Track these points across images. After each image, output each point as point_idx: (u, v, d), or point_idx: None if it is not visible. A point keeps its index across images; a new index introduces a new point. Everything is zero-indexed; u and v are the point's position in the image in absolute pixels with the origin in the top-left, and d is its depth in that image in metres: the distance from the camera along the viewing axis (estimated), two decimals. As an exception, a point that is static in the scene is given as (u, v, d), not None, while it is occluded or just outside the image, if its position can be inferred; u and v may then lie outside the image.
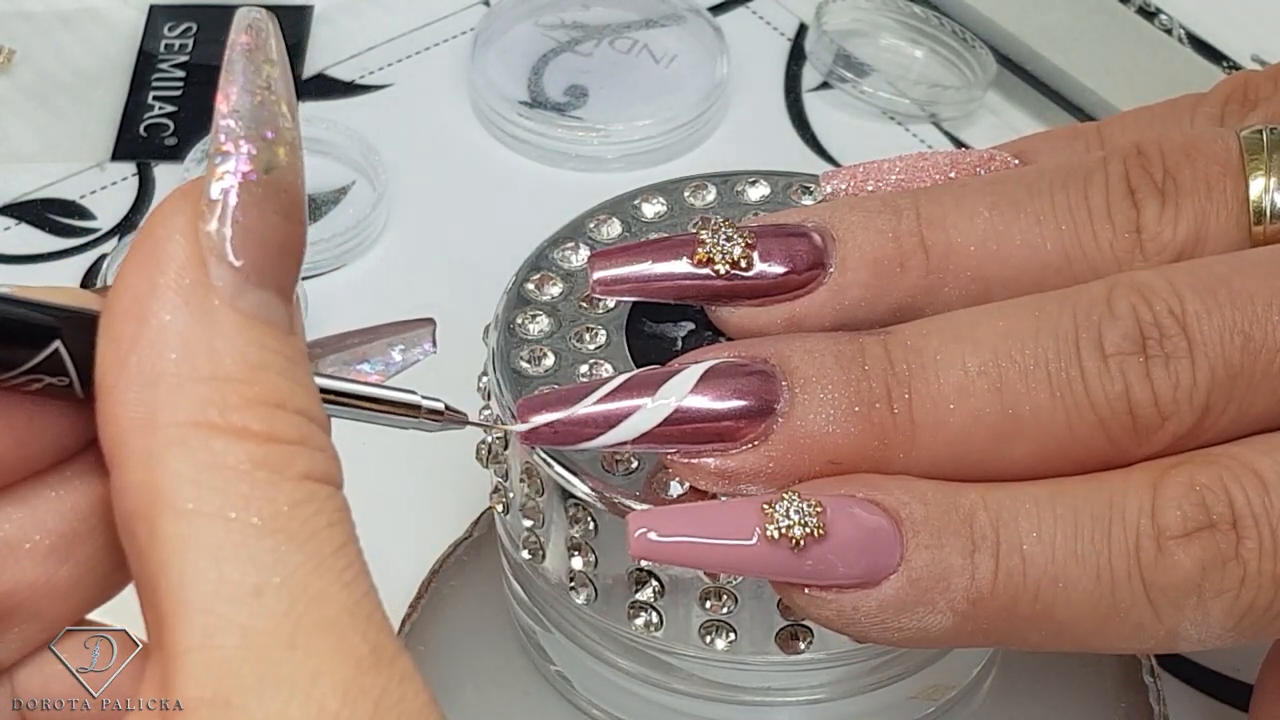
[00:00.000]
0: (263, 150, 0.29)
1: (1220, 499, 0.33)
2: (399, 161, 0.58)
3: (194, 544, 0.27)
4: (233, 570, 0.27)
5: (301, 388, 0.29)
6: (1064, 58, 0.60)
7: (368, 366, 0.33)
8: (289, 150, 0.29)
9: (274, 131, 0.29)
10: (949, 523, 0.33)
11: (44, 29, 0.62)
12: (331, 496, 0.28)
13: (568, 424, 0.34)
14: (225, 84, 0.29)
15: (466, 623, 0.42)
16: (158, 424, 0.28)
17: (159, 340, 0.28)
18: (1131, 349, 0.33)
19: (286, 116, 0.29)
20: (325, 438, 0.29)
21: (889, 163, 0.39)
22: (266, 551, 0.27)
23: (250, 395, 0.28)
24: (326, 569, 0.28)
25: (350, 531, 0.29)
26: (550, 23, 0.62)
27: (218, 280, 0.28)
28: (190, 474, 0.27)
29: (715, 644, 0.36)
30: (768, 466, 0.34)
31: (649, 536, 0.33)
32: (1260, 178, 0.36)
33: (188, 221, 0.29)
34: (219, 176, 0.29)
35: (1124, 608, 0.33)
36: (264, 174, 0.29)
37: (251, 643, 0.27)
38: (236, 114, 0.29)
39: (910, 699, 0.39)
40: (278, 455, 0.28)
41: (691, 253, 0.36)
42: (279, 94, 0.29)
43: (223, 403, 0.28)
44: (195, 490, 0.27)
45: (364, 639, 0.28)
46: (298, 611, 0.27)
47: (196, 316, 0.28)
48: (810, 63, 0.62)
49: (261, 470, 0.28)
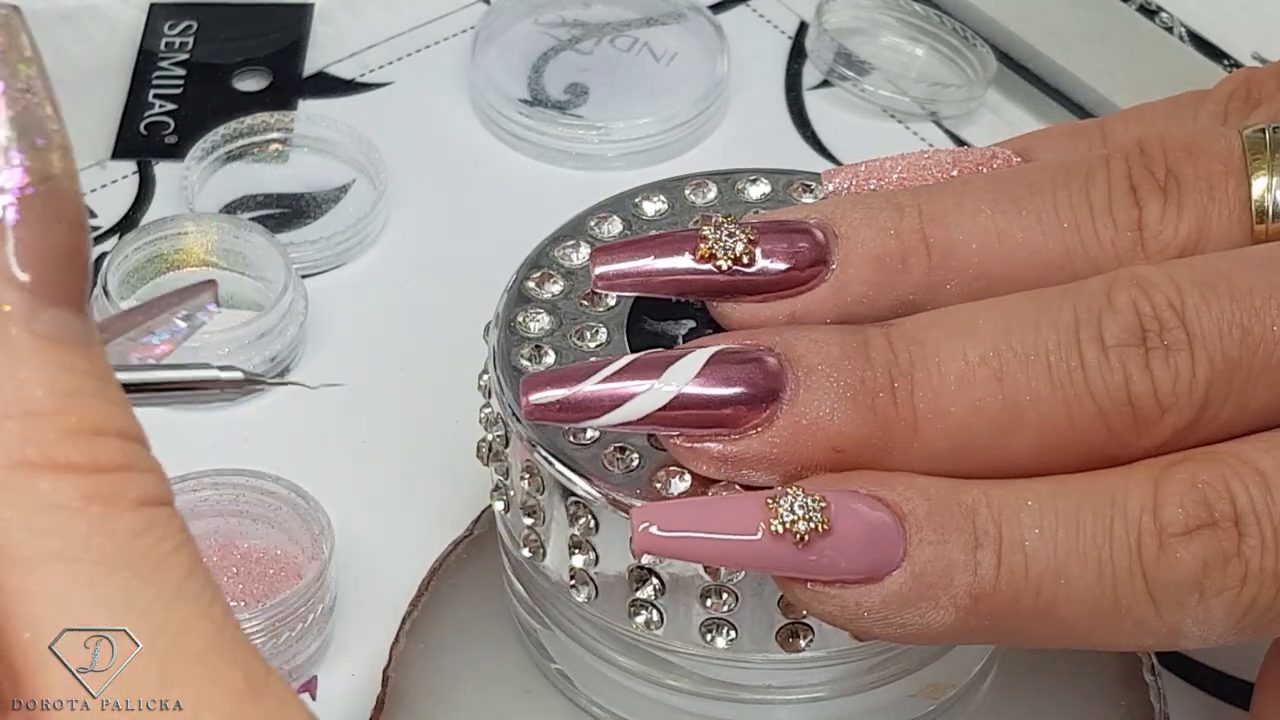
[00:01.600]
0: (35, 159, 0.27)
1: (1222, 496, 0.33)
2: (399, 160, 0.58)
3: (38, 594, 0.26)
4: (84, 616, 0.26)
5: (117, 406, 0.27)
6: (1065, 56, 0.60)
7: (154, 338, 0.31)
8: (62, 154, 0.27)
9: (44, 137, 0.27)
10: (952, 518, 0.33)
11: (44, 27, 0.62)
12: (171, 518, 0.27)
13: (570, 403, 0.34)
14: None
15: (467, 621, 0.42)
16: None
17: None
18: (1131, 341, 0.34)
19: (53, 118, 0.27)
20: (150, 457, 0.28)
21: (891, 161, 0.39)
22: (116, 590, 0.26)
23: (67, 426, 0.27)
24: (182, 598, 0.26)
25: (195, 552, 0.27)
26: (550, 21, 0.62)
27: (9, 305, 0.27)
28: (20, 519, 0.26)
29: (716, 642, 0.36)
30: (770, 452, 0.34)
31: (652, 531, 0.33)
32: (1263, 177, 0.36)
33: None
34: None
35: (1125, 604, 0.33)
36: (41, 184, 0.27)
37: (121, 693, 0.26)
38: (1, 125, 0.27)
39: (910, 697, 0.39)
40: (108, 485, 0.27)
41: (694, 248, 0.36)
42: (40, 94, 0.27)
43: (40, 438, 0.26)
44: (29, 535, 0.26)
45: (234, 666, 0.26)
46: (162, 649, 0.26)
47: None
48: (811, 61, 0.62)
49: (95, 504, 0.26)
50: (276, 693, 0.27)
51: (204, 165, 0.57)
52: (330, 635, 0.47)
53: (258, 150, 0.58)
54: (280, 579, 0.47)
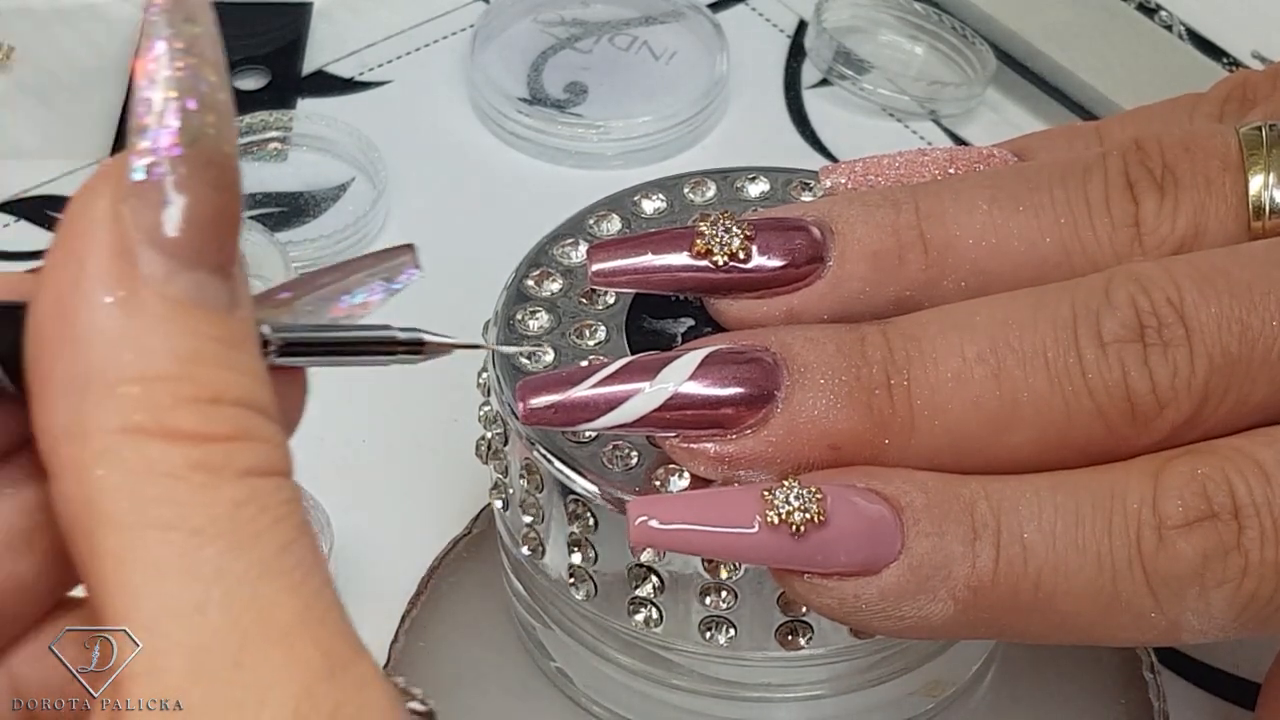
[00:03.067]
0: (187, 121, 0.27)
1: (1222, 489, 0.33)
2: (398, 158, 0.58)
3: (133, 559, 0.26)
4: (174, 586, 0.26)
5: (241, 374, 0.27)
6: (1064, 54, 0.60)
7: (350, 299, 0.31)
8: (217, 117, 0.27)
9: (198, 99, 0.27)
10: (950, 511, 0.33)
11: (44, 26, 0.62)
12: (278, 489, 0.27)
13: (566, 406, 0.34)
14: (143, 50, 0.27)
15: (466, 619, 0.42)
16: (88, 432, 0.26)
17: (84, 342, 0.26)
18: (1130, 337, 0.34)
19: (212, 81, 0.27)
20: (270, 425, 0.27)
21: (888, 158, 0.39)
22: (207, 562, 0.26)
23: (183, 393, 0.26)
24: (274, 572, 0.26)
25: (299, 523, 0.27)
26: (550, 19, 0.62)
27: (145, 268, 0.26)
28: (124, 485, 0.26)
29: (715, 640, 0.36)
30: (767, 451, 0.34)
31: (649, 524, 0.33)
32: (1259, 174, 0.36)
33: (109, 206, 0.27)
34: (140, 153, 0.27)
35: (1125, 598, 0.33)
36: (189, 147, 0.27)
37: (197, 665, 0.26)
38: (154, 83, 0.27)
39: (910, 695, 0.39)
40: (215, 455, 0.26)
41: (690, 245, 0.36)
42: (203, 56, 0.27)
43: (154, 404, 0.26)
44: (131, 502, 0.26)
45: (316, 646, 0.26)
46: (244, 625, 0.26)
47: (123, 311, 0.26)
48: (810, 59, 0.62)
49: (199, 473, 0.26)
50: (358, 675, 0.26)
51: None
52: (330, 634, 0.47)
53: (257, 149, 0.58)
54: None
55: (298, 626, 0.26)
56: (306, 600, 0.26)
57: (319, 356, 0.30)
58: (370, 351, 0.31)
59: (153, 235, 0.27)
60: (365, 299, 0.31)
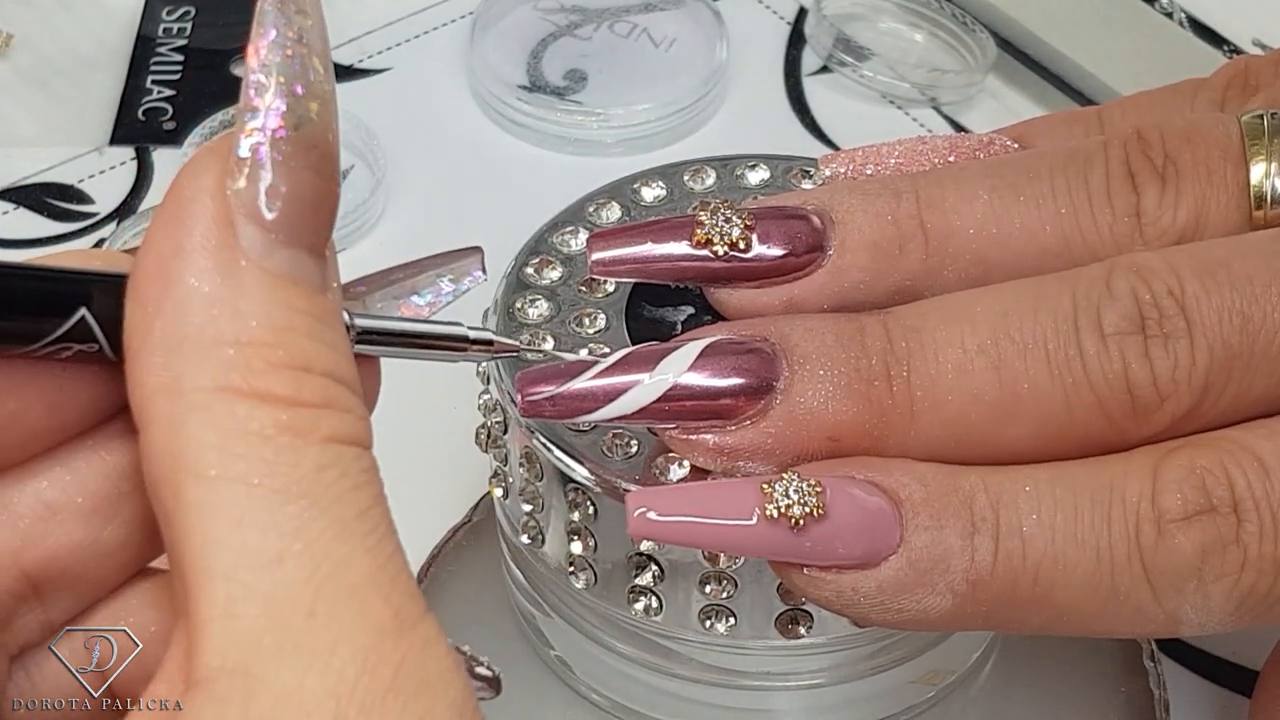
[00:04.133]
0: (293, 105, 0.28)
1: (1221, 482, 0.33)
2: (398, 146, 0.58)
3: (217, 511, 0.27)
4: (255, 537, 0.27)
5: (330, 348, 0.28)
6: (1064, 42, 0.60)
7: (418, 298, 0.32)
8: (321, 105, 0.28)
9: (304, 86, 0.28)
10: (949, 504, 0.33)
11: (42, 13, 0.62)
12: (358, 458, 0.28)
13: (565, 397, 0.34)
14: (255, 36, 0.28)
15: (466, 607, 0.42)
16: (182, 389, 0.27)
17: (184, 304, 0.28)
18: (1130, 329, 0.33)
19: (318, 70, 0.29)
20: (353, 399, 0.29)
21: (888, 146, 0.39)
22: (289, 518, 0.27)
23: (275, 359, 0.28)
24: (350, 533, 0.27)
25: (377, 493, 0.28)
26: (549, 7, 0.62)
27: (245, 240, 0.28)
28: (214, 440, 0.27)
29: (715, 629, 0.36)
30: (766, 442, 0.34)
31: (648, 516, 0.33)
32: (1261, 163, 0.36)
33: (215, 180, 0.28)
34: (248, 133, 0.28)
35: (1124, 591, 0.33)
36: (294, 130, 0.28)
37: (272, 611, 0.27)
38: (266, 68, 0.28)
39: (910, 684, 0.39)
40: (302, 419, 0.28)
41: (690, 234, 0.35)
42: (311, 47, 0.29)
43: (247, 367, 0.28)
44: (218, 456, 0.27)
45: (386, 604, 0.27)
46: (319, 578, 0.27)
47: (222, 278, 0.28)
48: (810, 47, 0.62)
49: (286, 435, 0.27)
50: (423, 634, 0.28)
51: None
52: (329, 622, 0.47)
53: (256, 136, 0.58)
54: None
55: (369, 585, 0.27)
56: (380, 562, 0.28)
57: (394, 347, 0.31)
58: (442, 346, 0.32)
59: (253, 211, 0.28)
60: (432, 299, 0.33)
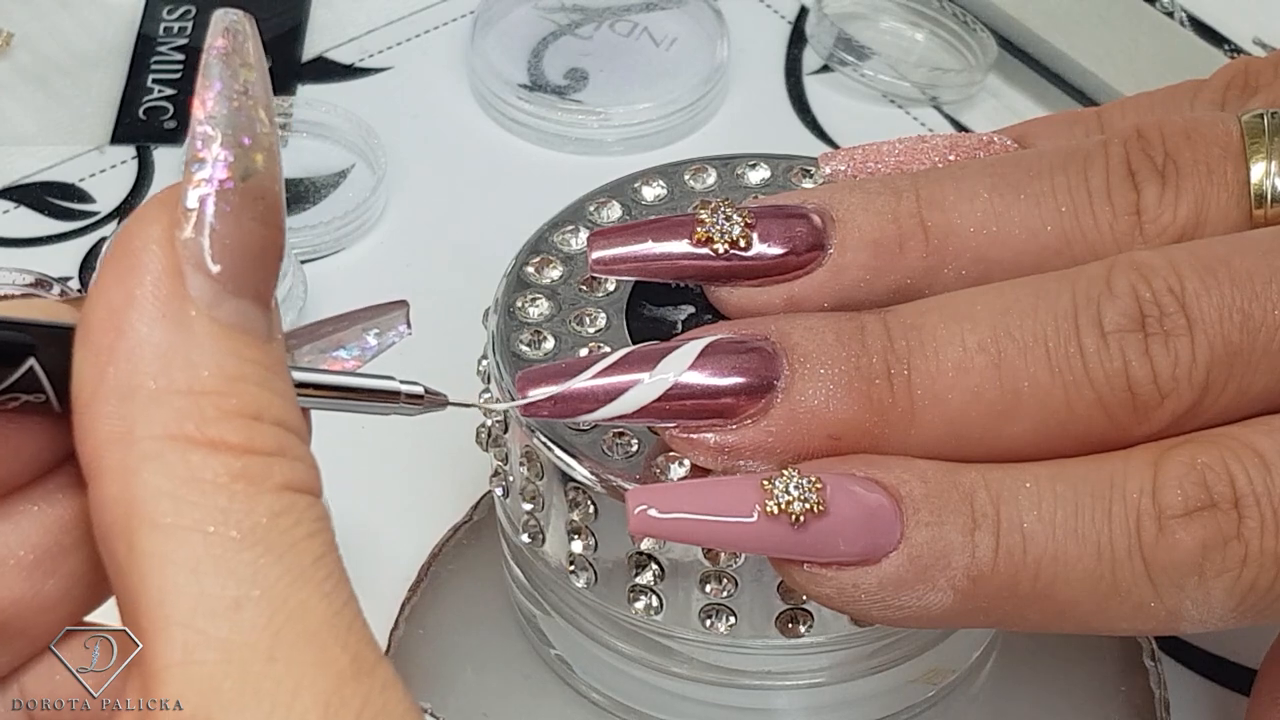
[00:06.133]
0: (240, 157, 0.28)
1: (1221, 478, 0.33)
2: (399, 145, 0.58)
3: (172, 558, 0.27)
4: (212, 584, 0.27)
5: (280, 397, 0.29)
6: (1065, 41, 0.60)
7: (344, 353, 0.33)
8: (267, 156, 0.29)
9: (251, 137, 0.29)
10: (949, 500, 0.33)
11: (42, 11, 0.62)
12: (311, 506, 0.28)
13: (566, 397, 0.34)
14: (201, 89, 0.29)
15: (466, 606, 0.42)
16: (134, 438, 0.28)
17: (136, 353, 0.28)
18: (1131, 327, 0.33)
19: (264, 121, 0.29)
20: (303, 447, 0.29)
21: (889, 145, 0.39)
22: (245, 564, 0.27)
23: (227, 407, 0.28)
24: (306, 580, 0.28)
25: (330, 540, 0.28)
26: (550, 6, 0.62)
27: (195, 290, 0.28)
28: (167, 488, 0.27)
29: (715, 627, 0.36)
30: (767, 441, 0.34)
31: (648, 513, 0.33)
32: (1261, 161, 0.36)
33: (164, 230, 0.28)
34: (195, 184, 0.28)
35: (1125, 587, 0.33)
36: (241, 181, 0.28)
37: (232, 657, 0.27)
38: (213, 120, 0.28)
39: (910, 683, 0.39)
40: (256, 467, 0.28)
41: (691, 232, 0.35)
42: (256, 98, 0.29)
43: (200, 415, 0.28)
44: (173, 504, 0.27)
45: (344, 649, 0.28)
46: (277, 624, 0.27)
47: (173, 328, 0.28)
48: (811, 46, 0.62)
49: (239, 483, 0.28)
50: (381, 677, 0.28)
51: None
52: (330, 621, 0.47)
53: (257, 135, 0.58)
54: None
55: (327, 630, 0.28)
56: (336, 608, 0.28)
57: (326, 399, 0.31)
58: (373, 398, 0.32)
59: (201, 261, 0.28)
60: (358, 354, 0.33)
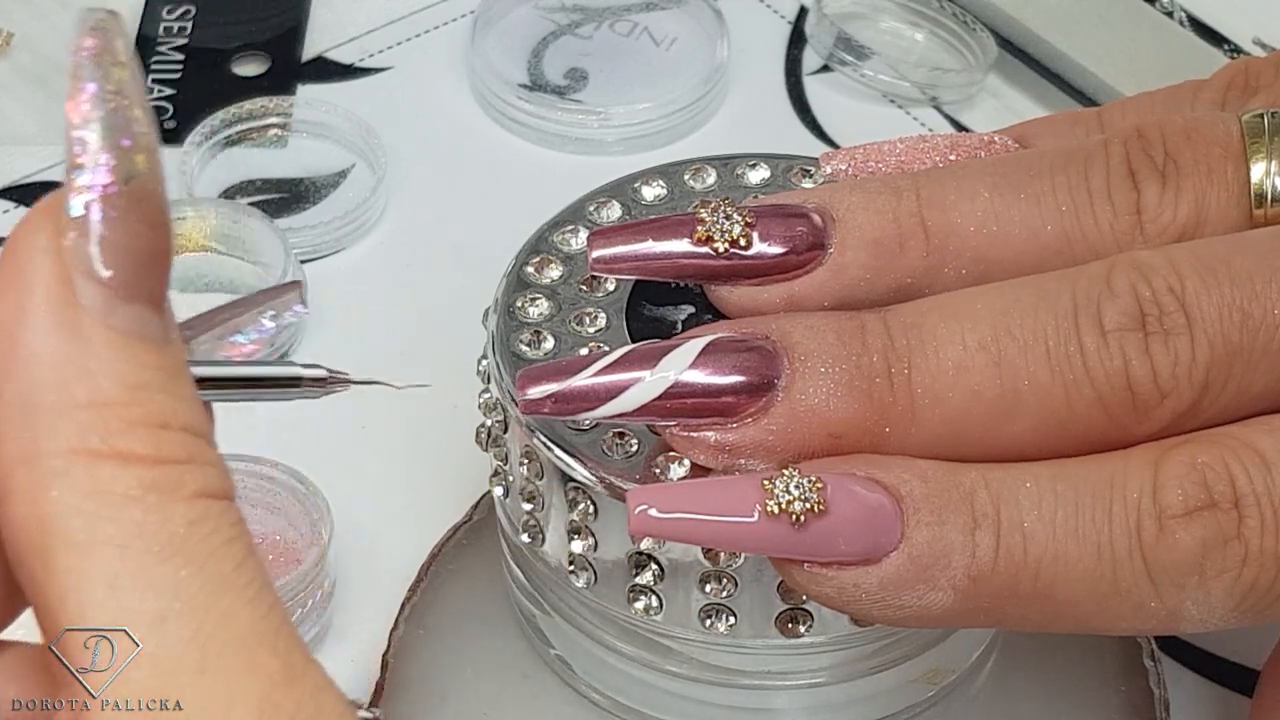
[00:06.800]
0: (121, 159, 0.28)
1: (1222, 478, 0.33)
2: (399, 145, 0.58)
3: (90, 575, 0.27)
4: (133, 599, 0.27)
5: (184, 402, 0.28)
6: (1065, 41, 0.60)
7: (241, 337, 0.32)
8: (148, 156, 0.28)
9: (130, 138, 0.28)
10: (950, 500, 0.33)
11: (42, 11, 0.62)
12: (226, 511, 0.28)
13: (566, 395, 0.34)
14: (74, 93, 0.28)
15: (466, 606, 0.42)
16: (40, 454, 0.27)
17: (32, 367, 0.27)
18: (1131, 326, 0.33)
19: (141, 120, 0.28)
20: (212, 451, 0.28)
21: (889, 145, 0.39)
22: (165, 577, 0.27)
23: (132, 417, 0.27)
24: (229, 587, 0.27)
25: (248, 545, 0.28)
26: (550, 6, 0.62)
27: (86, 299, 0.27)
28: (78, 504, 0.27)
29: (715, 627, 0.36)
30: (767, 440, 0.34)
31: (649, 513, 0.33)
32: (1261, 161, 0.36)
33: (50, 239, 0.28)
34: (78, 190, 0.28)
35: (1125, 587, 0.33)
36: (124, 184, 0.28)
37: (161, 672, 0.27)
38: (89, 123, 0.28)
39: (910, 683, 0.39)
40: (167, 476, 0.27)
41: (691, 231, 0.35)
42: (131, 97, 0.28)
43: (104, 428, 0.27)
44: (85, 521, 0.27)
45: (274, 654, 0.27)
46: (205, 635, 0.27)
47: (68, 339, 0.27)
48: (811, 46, 0.62)
49: (152, 494, 0.27)
50: (314, 681, 0.28)
51: (203, 150, 0.57)
52: (329, 621, 0.47)
53: (257, 135, 0.58)
54: (279, 564, 0.47)
55: (255, 637, 0.27)
56: (262, 613, 0.27)
57: (227, 390, 0.31)
58: (276, 385, 0.32)
59: (91, 269, 0.27)
60: (256, 337, 0.32)
